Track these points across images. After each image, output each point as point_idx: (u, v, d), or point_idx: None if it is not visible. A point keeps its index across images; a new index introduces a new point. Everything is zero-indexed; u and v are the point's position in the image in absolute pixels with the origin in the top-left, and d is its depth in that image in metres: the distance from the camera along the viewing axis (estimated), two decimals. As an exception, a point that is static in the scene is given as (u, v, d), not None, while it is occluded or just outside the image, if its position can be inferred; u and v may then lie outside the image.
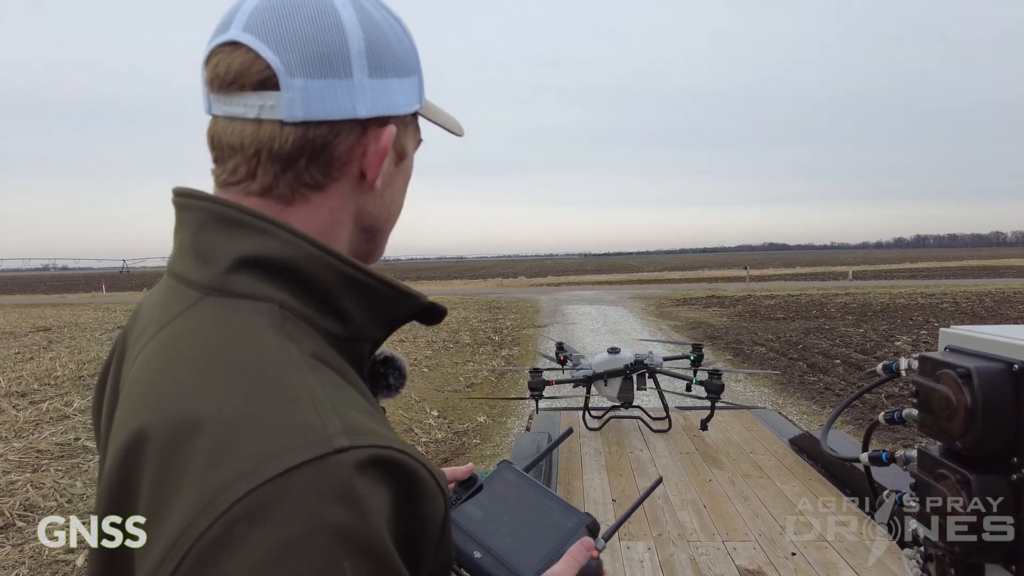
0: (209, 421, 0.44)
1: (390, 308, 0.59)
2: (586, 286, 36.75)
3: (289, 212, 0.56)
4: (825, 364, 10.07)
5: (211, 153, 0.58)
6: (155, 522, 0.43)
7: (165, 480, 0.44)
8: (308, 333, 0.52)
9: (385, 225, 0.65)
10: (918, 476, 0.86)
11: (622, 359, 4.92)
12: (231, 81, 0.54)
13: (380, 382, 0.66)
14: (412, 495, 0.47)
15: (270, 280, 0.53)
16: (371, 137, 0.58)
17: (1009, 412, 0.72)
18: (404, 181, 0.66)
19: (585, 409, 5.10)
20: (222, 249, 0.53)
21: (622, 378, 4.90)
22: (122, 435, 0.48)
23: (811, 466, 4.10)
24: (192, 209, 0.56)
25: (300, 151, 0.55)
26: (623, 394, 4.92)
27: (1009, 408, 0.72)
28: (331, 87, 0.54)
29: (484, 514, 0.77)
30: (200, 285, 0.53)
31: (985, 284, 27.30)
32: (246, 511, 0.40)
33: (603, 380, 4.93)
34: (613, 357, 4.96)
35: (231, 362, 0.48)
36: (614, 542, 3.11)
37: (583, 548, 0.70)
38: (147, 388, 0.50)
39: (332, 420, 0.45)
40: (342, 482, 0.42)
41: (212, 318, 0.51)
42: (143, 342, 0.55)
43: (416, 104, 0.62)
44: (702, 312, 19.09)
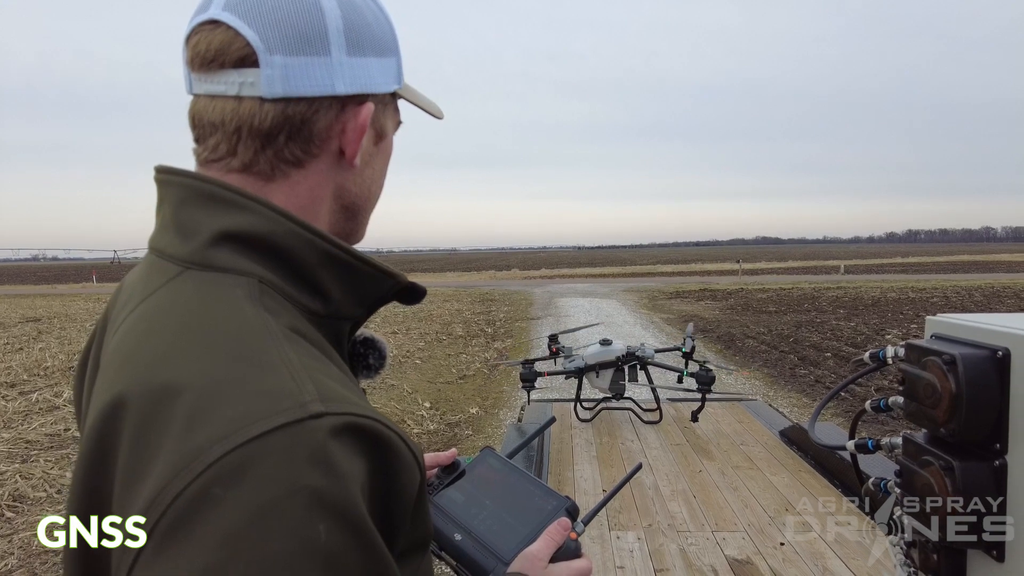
0: (187, 387, 0.45)
1: (369, 286, 0.59)
2: (579, 279, 36.79)
3: (269, 188, 0.57)
4: (816, 357, 10.13)
5: (193, 132, 0.59)
6: (132, 484, 0.44)
7: (143, 444, 0.44)
8: (286, 308, 0.53)
9: (366, 204, 0.65)
10: (903, 463, 0.86)
11: (613, 351, 4.93)
12: (211, 59, 0.54)
13: (360, 362, 0.66)
14: (387, 464, 0.48)
15: (249, 255, 0.53)
16: (350, 114, 0.58)
17: (992, 398, 0.73)
18: (384, 161, 0.66)
19: (577, 400, 5.12)
20: (203, 224, 0.54)
21: (613, 370, 4.91)
22: (101, 402, 0.49)
23: (801, 457, 4.13)
24: (173, 185, 0.57)
25: (280, 127, 0.55)
26: (614, 386, 4.94)
27: (992, 394, 0.73)
28: (310, 64, 0.55)
29: (466, 498, 0.79)
30: (180, 259, 0.54)
31: (975, 279, 27.52)
32: (222, 473, 0.40)
33: (595, 372, 4.94)
34: (605, 349, 4.98)
35: (209, 331, 0.48)
36: (604, 532, 3.12)
37: (560, 528, 0.72)
38: (126, 357, 0.51)
39: (308, 387, 0.45)
40: (317, 447, 0.42)
41: (192, 290, 0.52)
42: (124, 315, 0.56)
43: (395, 84, 0.63)
44: (694, 305, 19.16)
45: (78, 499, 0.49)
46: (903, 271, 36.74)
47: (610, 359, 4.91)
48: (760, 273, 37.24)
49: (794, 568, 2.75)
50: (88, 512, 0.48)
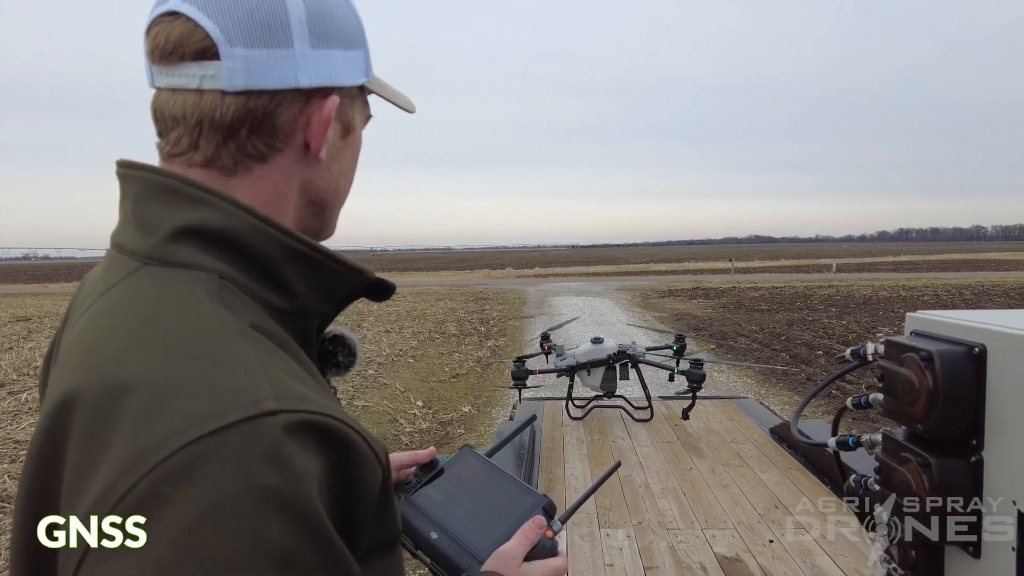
0: (139, 384, 0.44)
1: (336, 283, 0.58)
2: (573, 277, 36.82)
3: (232, 183, 0.56)
4: (808, 355, 10.18)
5: (155, 126, 0.57)
6: (80, 482, 0.43)
7: (93, 441, 0.43)
8: (249, 304, 0.52)
9: (334, 199, 0.64)
10: (882, 460, 0.86)
11: (605, 349, 4.94)
12: (171, 51, 0.53)
13: (329, 360, 0.65)
14: (346, 462, 0.47)
15: (210, 250, 0.52)
16: (314, 107, 0.58)
17: (969, 394, 0.73)
18: (352, 156, 0.65)
19: (569, 399, 5.12)
20: (162, 219, 0.53)
21: (605, 368, 4.92)
22: (52, 398, 0.48)
23: (791, 455, 4.14)
24: (134, 179, 0.56)
25: (241, 121, 0.54)
26: (606, 384, 4.95)
27: (969, 390, 0.73)
28: (272, 56, 0.54)
29: (444, 496, 0.78)
30: (140, 255, 0.53)
31: (965, 277, 27.71)
32: (172, 470, 0.40)
33: (586, 370, 4.94)
34: (596, 347, 4.98)
35: (165, 328, 0.47)
36: (594, 530, 3.12)
37: (534, 526, 0.71)
38: (81, 353, 0.50)
39: (262, 385, 0.44)
40: (271, 444, 0.42)
41: (149, 286, 0.51)
42: (82, 310, 0.55)
43: (362, 77, 0.62)
44: (687, 304, 19.21)
45: (26, 497, 0.48)
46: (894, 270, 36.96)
47: (601, 357, 4.91)
48: (753, 272, 37.38)
49: (783, 565, 2.76)
50: (36, 511, 0.47)
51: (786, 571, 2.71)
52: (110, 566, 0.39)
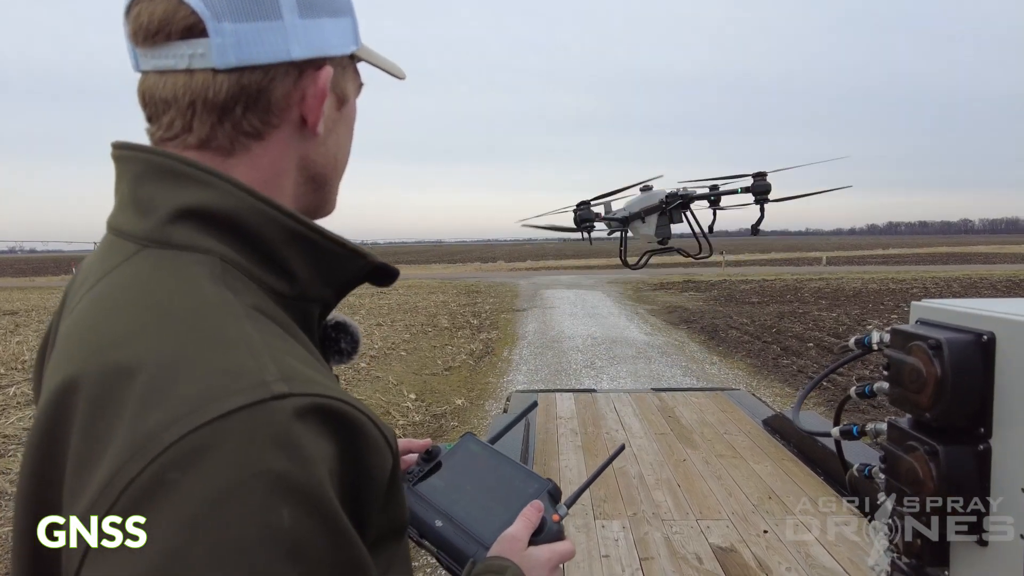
0: (141, 367, 0.42)
1: (338, 266, 0.57)
2: (565, 270, 36.86)
3: (230, 164, 0.54)
4: (798, 347, 10.24)
5: (144, 111, 0.56)
6: (83, 471, 0.41)
7: (95, 427, 0.42)
8: (250, 287, 0.50)
9: (332, 174, 0.63)
10: (887, 448, 0.86)
11: (657, 195, 4.87)
12: (155, 31, 0.51)
13: (332, 347, 0.64)
14: (356, 447, 0.46)
15: (211, 232, 0.51)
16: (308, 80, 0.56)
17: (977, 383, 0.72)
18: (348, 127, 0.64)
19: (623, 247, 5.08)
20: (161, 200, 0.51)
21: (658, 214, 4.86)
22: (52, 384, 0.46)
23: (784, 446, 4.17)
24: (130, 161, 0.54)
25: (236, 98, 0.53)
26: (660, 230, 4.89)
27: (977, 378, 0.72)
28: (261, 30, 0.52)
29: (446, 484, 0.78)
30: (138, 237, 0.51)
31: (953, 270, 27.98)
32: (179, 456, 0.38)
33: (640, 218, 4.89)
34: (647, 195, 4.92)
35: (166, 310, 0.46)
36: (589, 521, 3.13)
37: (534, 509, 0.71)
38: (80, 338, 0.48)
39: (270, 367, 0.43)
40: (280, 429, 0.41)
41: (149, 269, 0.49)
42: (80, 295, 0.53)
43: (352, 45, 0.60)
44: (679, 296, 19.27)
45: (27, 488, 0.47)
46: (883, 262, 37.25)
47: (654, 203, 4.85)
48: (743, 265, 37.53)
49: (777, 555, 2.78)
50: (38, 502, 0.46)
51: (780, 561, 2.73)
52: (115, 557, 0.38)
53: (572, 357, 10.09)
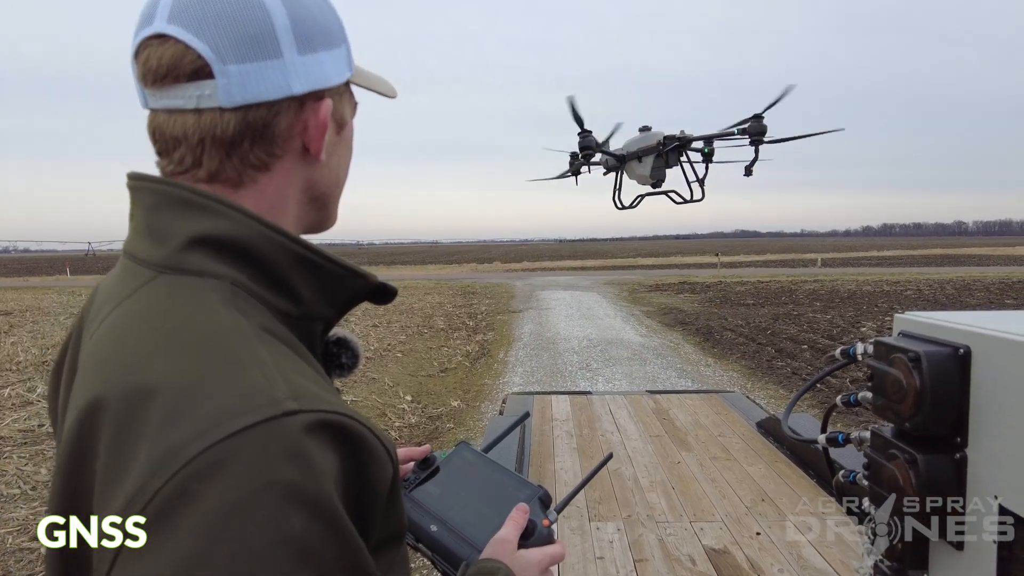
0: (163, 388, 0.46)
1: (340, 287, 0.60)
2: (561, 271, 36.89)
3: (239, 195, 0.58)
4: (793, 349, 10.28)
5: (154, 146, 0.59)
6: (112, 483, 0.45)
7: (121, 444, 0.45)
8: (259, 309, 0.54)
9: (334, 191, 0.67)
10: (870, 456, 0.89)
11: (654, 136, 4.88)
12: (164, 75, 0.54)
13: (333, 362, 0.68)
14: (360, 459, 0.49)
15: (222, 259, 0.54)
16: (309, 112, 0.59)
17: (954, 394, 0.75)
18: (347, 147, 0.67)
19: (617, 190, 5.09)
20: (175, 229, 0.54)
21: (655, 156, 4.86)
22: (79, 405, 0.49)
23: (777, 448, 4.20)
24: (146, 191, 0.57)
25: (243, 134, 0.56)
26: (655, 172, 4.90)
27: (954, 390, 0.75)
28: (264, 69, 0.55)
29: (442, 491, 0.82)
30: (154, 264, 0.54)
31: (947, 272, 28.09)
32: (199, 469, 0.42)
33: (637, 158, 4.89)
34: (645, 135, 4.92)
35: (184, 334, 0.49)
36: (584, 523, 3.16)
37: (520, 512, 0.75)
38: (103, 360, 0.51)
39: (280, 385, 0.47)
40: (291, 443, 0.44)
41: (166, 294, 0.53)
42: (100, 319, 0.56)
43: (347, 72, 0.63)
44: (674, 298, 19.32)
45: (59, 500, 0.50)
46: (878, 264, 37.38)
47: (651, 144, 4.86)
48: (739, 266, 37.64)
49: (770, 557, 2.82)
50: (68, 513, 0.49)
51: (772, 562, 2.77)
52: (143, 562, 0.41)
53: (568, 359, 10.11)
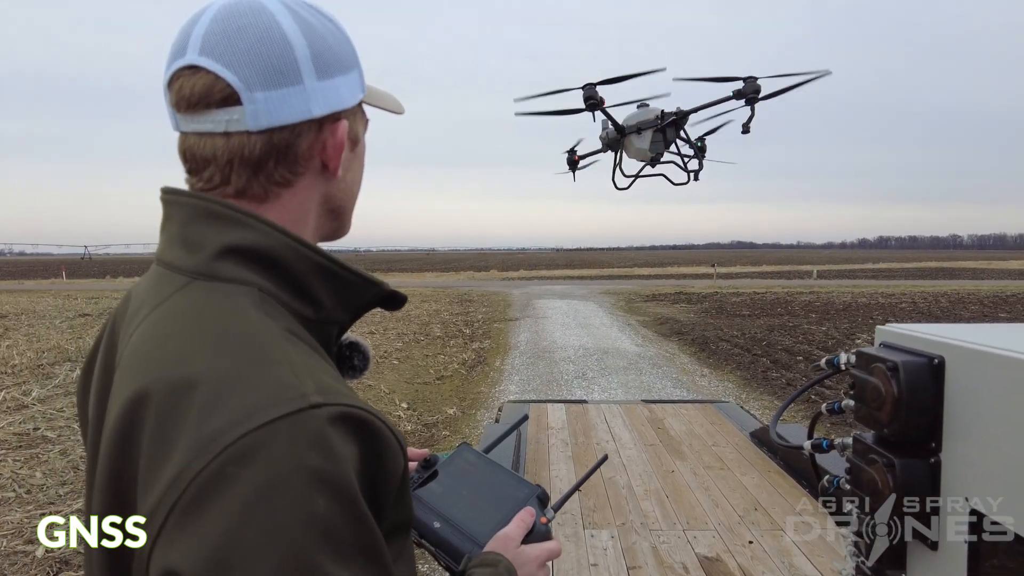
0: (202, 381, 0.51)
1: (355, 294, 0.66)
2: (557, 280, 36.95)
3: (264, 208, 0.63)
4: (788, 360, 10.34)
5: (185, 165, 0.64)
6: (155, 467, 0.49)
7: (164, 431, 0.50)
8: (283, 313, 0.59)
9: (349, 203, 0.72)
10: (852, 461, 0.93)
11: (652, 111, 4.93)
12: (196, 102, 0.59)
13: (346, 364, 0.73)
14: (376, 450, 0.54)
15: (250, 267, 0.59)
16: (327, 132, 0.64)
17: (929, 401, 0.80)
18: (361, 162, 0.73)
19: (617, 166, 5.12)
20: (208, 239, 0.59)
21: (653, 130, 4.90)
22: (123, 397, 0.54)
23: (770, 458, 4.24)
24: (179, 205, 0.63)
25: (268, 155, 0.61)
26: (654, 146, 4.94)
27: (929, 398, 0.80)
28: (287, 95, 0.60)
29: (444, 490, 0.86)
30: (188, 271, 0.60)
31: (942, 285, 28.24)
32: (236, 454, 0.47)
33: (637, 131, 4.93)
34: (644, 110, 4.97)
35: (219, 333, 0.54)
36: (578, 530, 3.19)
37: (527, 514, 0.80)
38: (145, 357, 0.56)
39: (307, 381, 0.52)
40: (317, 432, 0.49)
41: (201, 298, 0.58)
42: (137, 321, 0.61)
43: (360, 94, 0.68)
44: (670, 308, 19.38)
45: (104, 488, 0.54)
46: (874, 276, 37.51)
47: (650, 118, 4.90)
48: (735, 277, 37.76)
49: (761, 565, 2.85)
50: (114, 500, 0.54)
51: (764, 570, 2.80)
52: (184, 537, 0.46)
53: (564, 368, 10.15)
